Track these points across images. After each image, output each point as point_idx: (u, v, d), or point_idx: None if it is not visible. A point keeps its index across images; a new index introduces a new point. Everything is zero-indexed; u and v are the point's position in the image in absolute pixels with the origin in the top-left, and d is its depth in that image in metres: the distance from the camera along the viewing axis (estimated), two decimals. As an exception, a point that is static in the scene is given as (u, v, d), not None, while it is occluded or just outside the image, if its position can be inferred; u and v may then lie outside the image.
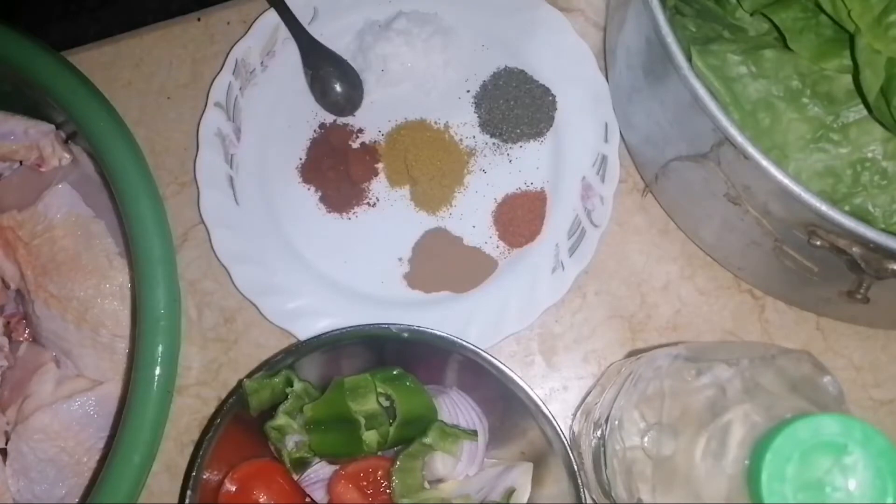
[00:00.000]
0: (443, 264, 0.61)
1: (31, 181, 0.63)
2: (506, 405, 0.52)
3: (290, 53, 0.64)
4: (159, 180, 0.62)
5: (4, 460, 0.59)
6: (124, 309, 0.59)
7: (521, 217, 0.61)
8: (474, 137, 0.63)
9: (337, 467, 0.53)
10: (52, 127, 0.63)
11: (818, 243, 0.42)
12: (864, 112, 0.47)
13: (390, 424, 0.52)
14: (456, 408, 0.54)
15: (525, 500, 0.52)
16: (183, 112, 0.65)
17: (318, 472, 0.53)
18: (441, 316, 0.59)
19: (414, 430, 0.51)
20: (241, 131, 0.63)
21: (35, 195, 0.61)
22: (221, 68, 0.62)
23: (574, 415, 0.59)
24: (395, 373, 0.53)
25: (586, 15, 0.64)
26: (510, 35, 0.63)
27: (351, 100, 0.63)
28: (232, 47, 0.63)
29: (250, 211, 0.62)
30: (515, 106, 0.62)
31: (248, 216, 0.62)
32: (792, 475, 0.33)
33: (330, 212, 0.62)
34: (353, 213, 0.62)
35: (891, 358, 0.59)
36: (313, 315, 0.59)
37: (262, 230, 0.62)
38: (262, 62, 0.63)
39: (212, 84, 0.62)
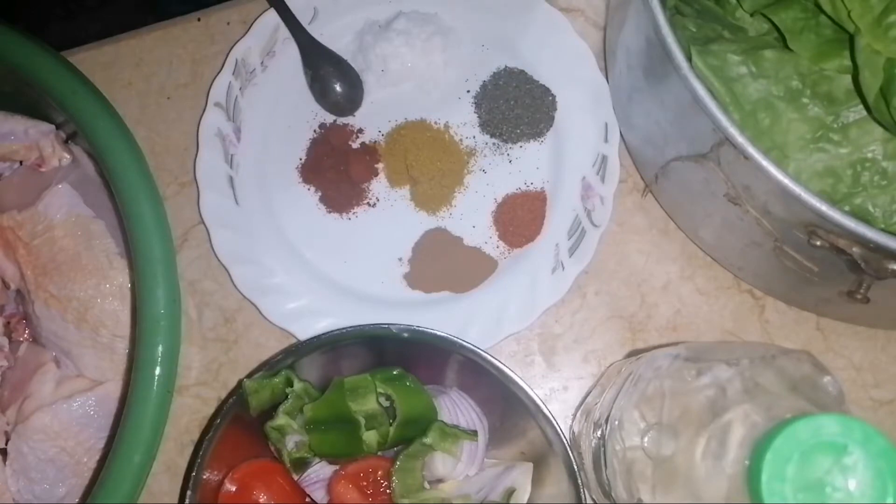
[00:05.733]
0: (443, 264, 0.61)
1: (31, 181, 0.63)
2: (506, 405, 0.52)
3: (290, 53, 0.64)
4: (159, 180, 0.62)
5: (4, 460, 0.59)
6: (124, 309, 0.59)
7: (521, 217, 0.61)
8: (474, 137, 0.63)
9: (337, 467, 0.53)
10: (52, 127, 0.63)
11: (818, 243, 0.42)
12: (864, 112, 0.47)
13: (390, 424, 0.52)
14: (456, 408, 0.54)
15: (525, 500, 0.52)
16: (183, 112, 0.65)
17: (318, 472, 0.53)
18: (441, 316, 0.59)
19: (414, 430, 0.51)
20: (241, 131, 0.63)
21: (35, 195, 0.61)
22: (221, 68, 0.62)
23: (574, 415, 0.59)
24: (395, 373, 0.53)
25: (586, 15, 0.64)
26: (510, 35, 0.63)
27: (351, 100, 0.63)
28: (232, 47, 0.62)
29: (250, 211, 0.62)
30: (515, 106, 0.62)
31: (248, 216, 0.62)
32: (792, 475, 0.33)
33: (330, 212, 0.62)
34: (353, 213, 0.62)
35: (891, 358, 0.59)
36: (313, 315, 0.59)
37: (262, 230, 0.62)
38: (262, 62, 0.63)
39: (212, 84, 0.62)
